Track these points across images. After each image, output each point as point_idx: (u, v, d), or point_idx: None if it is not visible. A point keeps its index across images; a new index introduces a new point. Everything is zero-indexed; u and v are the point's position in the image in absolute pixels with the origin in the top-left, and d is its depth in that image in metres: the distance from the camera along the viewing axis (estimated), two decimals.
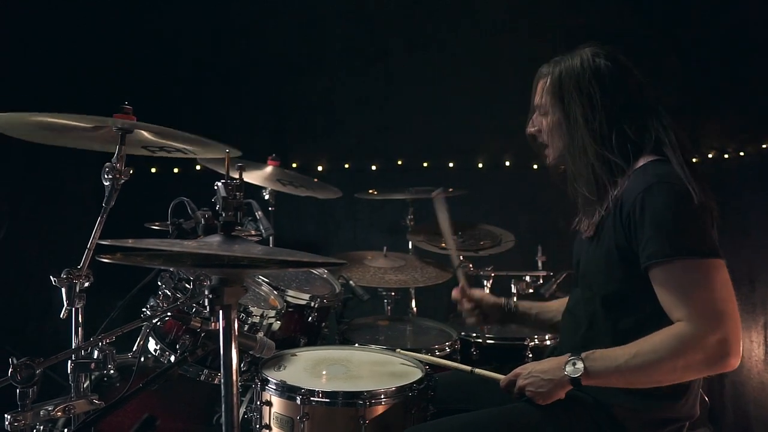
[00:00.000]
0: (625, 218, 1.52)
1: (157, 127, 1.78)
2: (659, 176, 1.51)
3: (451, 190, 3.25)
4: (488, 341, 2.54)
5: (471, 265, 2.84)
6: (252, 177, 2.74)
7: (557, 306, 1.95)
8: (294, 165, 3.89)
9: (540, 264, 2.96)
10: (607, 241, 1.58)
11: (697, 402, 1.61)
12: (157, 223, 2.20)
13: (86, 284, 1.67)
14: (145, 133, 1.82)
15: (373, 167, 3.90)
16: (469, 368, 1.80)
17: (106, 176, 1.71)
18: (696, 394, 1.61)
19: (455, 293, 2.01)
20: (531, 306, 2.03)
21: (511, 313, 2.00)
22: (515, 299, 2.10)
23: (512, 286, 2.75)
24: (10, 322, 3.18)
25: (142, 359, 2.07)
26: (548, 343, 2.51)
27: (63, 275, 1.64)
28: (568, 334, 1.77)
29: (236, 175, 1.36)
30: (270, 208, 2.98)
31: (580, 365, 1.50)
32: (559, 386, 1.54)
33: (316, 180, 3.21)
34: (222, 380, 1.28)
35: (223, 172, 1.39)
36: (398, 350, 2.04)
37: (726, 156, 3.42)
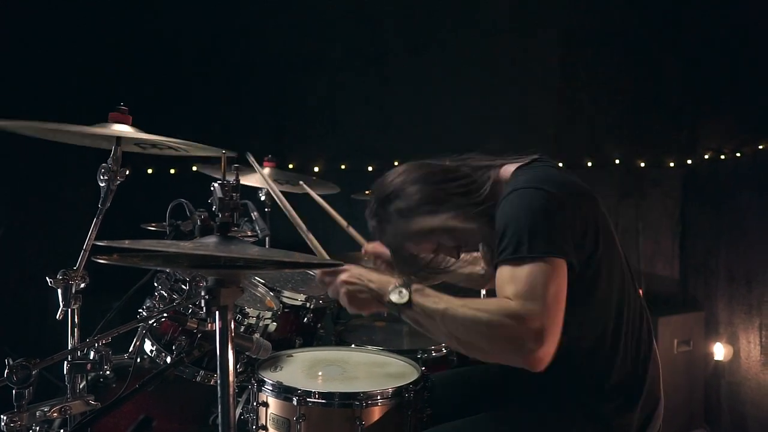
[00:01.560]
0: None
1: (155, 137, 1.78)
2: (514, 186, 1.49)
3: None
4: None
5: None
6: (250, 180, 2.73)
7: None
8: (291, 166, 3.88)
9: None
10: None
11: (660, 387, 1.61)
12: (153, 224, 2.20)
13: (82, 285, 1.67)
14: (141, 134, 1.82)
15: (370, 168, 3.89)
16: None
17: (101, 177, 1.71)
18: (657, 381, 1.61)
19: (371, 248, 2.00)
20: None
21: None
22: None
23: None
24: (8, 323, 3.19)
25: (138, 360, 2.05)
26: None
27: (59, 276, 1.64)
28: None
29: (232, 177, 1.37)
30: (266, 209, 2.98)
31: (406, 295, 1.46)
32: (375, 302, 1.52)
33: (314, 178, 3.21)
34: (218, 381, 1.28)
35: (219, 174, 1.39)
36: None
37: (722, 157, 3.42)
